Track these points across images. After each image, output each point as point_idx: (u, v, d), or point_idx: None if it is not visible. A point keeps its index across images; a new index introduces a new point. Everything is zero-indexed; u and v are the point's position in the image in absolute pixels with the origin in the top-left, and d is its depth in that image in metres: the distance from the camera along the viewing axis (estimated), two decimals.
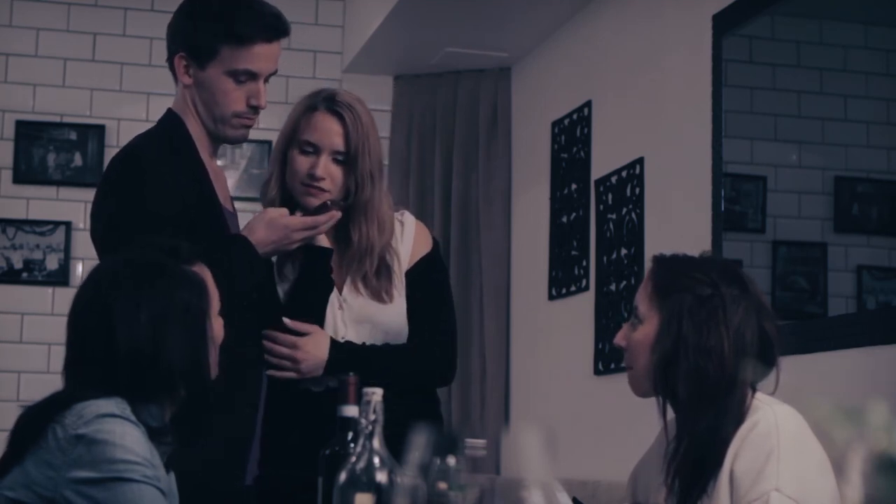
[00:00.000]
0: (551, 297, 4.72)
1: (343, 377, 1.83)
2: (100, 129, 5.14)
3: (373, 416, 1.62)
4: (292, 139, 2.58)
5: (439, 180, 5.25)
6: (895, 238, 3.00)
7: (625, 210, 4.15)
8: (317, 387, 2.54)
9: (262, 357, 2.55)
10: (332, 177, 2.56)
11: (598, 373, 4.26)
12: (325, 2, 5.42)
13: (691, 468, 2.02)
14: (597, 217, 4.38)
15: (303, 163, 2.56)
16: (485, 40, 4.94)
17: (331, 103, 2.58)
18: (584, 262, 4.46)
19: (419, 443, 1.51)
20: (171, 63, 2.55)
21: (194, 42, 2.49)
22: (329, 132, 2.56)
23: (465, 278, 5.13)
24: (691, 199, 3.66)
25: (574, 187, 4.60)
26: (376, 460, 1.61)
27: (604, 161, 4.37)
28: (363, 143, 2.57)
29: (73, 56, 5.18)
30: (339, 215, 2.52)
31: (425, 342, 2.61)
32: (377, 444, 1.62)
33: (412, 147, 5.32)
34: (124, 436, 1.83)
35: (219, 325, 2.06)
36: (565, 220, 4.65)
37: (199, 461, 2.14)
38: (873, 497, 0.93)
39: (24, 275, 5.05)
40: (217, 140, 2.59)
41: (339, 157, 2.57)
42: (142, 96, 5.15)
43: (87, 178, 5.09)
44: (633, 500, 2.23)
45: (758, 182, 3.46)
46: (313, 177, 2.55)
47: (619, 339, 2.18)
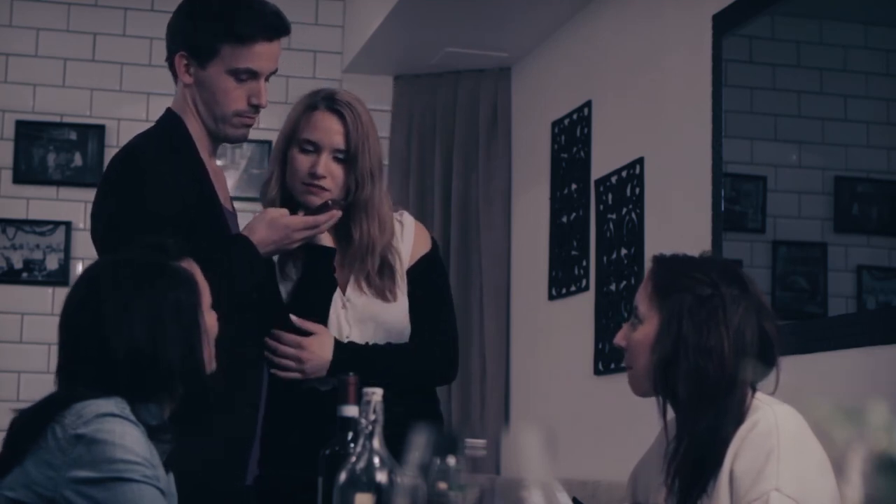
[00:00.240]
0: (551, 297, 4.72)
1: (343, 377, 1.83)
2: (100, 129, 5.14)
3: (373, 416, 1.62)
4: (292, 138, 2.58)
5: (439, 180, 5.25)
6: (895, 238, 3.00)
7: (625, 210, 4.15)
8: (324, 386, 2.54)
9: (263, 357, 2.55)
10: (333, 175, 2.56)
11: (598, 373, 4.26)
12: (325, 2, 5.42)
13: (691, 468, 2.02)
14: (597, 217, 4.38)
15: (303, 162, 2.56)
16: (485, 40, 4.94)
17: (331, 102, 2.58)
18: (584, 262, 4.46)
19: (419, 443, 1.51)
20: (171, 62, 2.55)
21: (195, 41, 2.49)
22: (329, 131, 2.56)
23: (465, 278, 5.13)
24: (691, 199, 3.65)
25: (574, 187, 4.59)
26: (376, 460, 1.61)
27: (604, 161, 4.37)
28: (363, 142, 2.57)
29: (73, 56, 5.18)
30: (340, 214, 2.52)
31: (426, 342, 2.61)
32: (377, 444, 1.62)
33: (412, 147, 5.32)
34: (124, 435, 1.83)
35: (212, 318, 2.06)
36: (565, 220, 4.65)
37: (199, 461, 2.14)
38: (873, 497, 0.93)
39: (24, 275, 5.04)
40: (217, 139, 2.59)
41: (340, 156, 2.57)
42: (142, 96, 5.15)
43: (87, 178, 5.09)
44: (633, 500, 2.23)
45: (758, 182, 3.46)
46: (314, 175, 2.55)
47: (618, 339, 2.18)
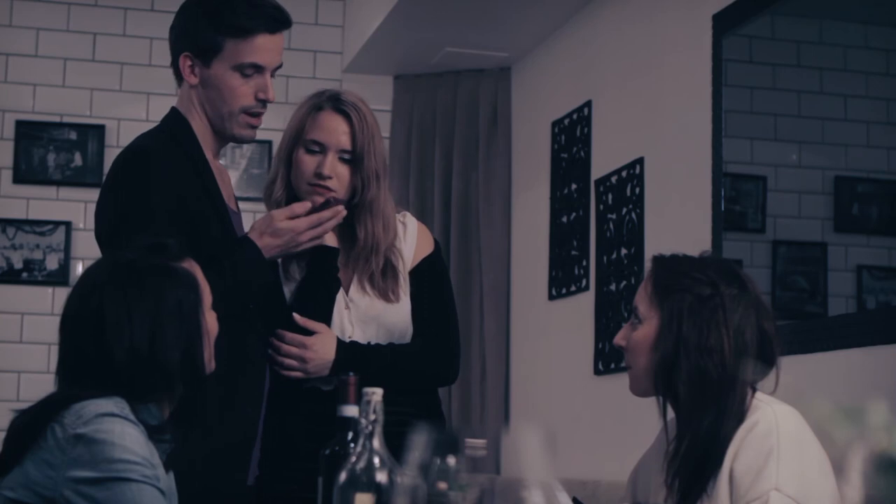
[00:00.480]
0: (551, 297, 4.71)
1: (343, 377, 1.83)
2: (100, 129, 5.14)
3: (373, 416, 1.62)
4: (298, 139, 2.58)
5: (439, 180, 5.25)
6: (895, 238, 3.00)
7: (625, 210, 4.15)
8: (326, 385, 2.54)
9: (265, 356, 2.54)
10: (339, 176, 2.56)
11: (598, 373, 4.26)
12: (325, 2, 5.42)
13: (692, 468, 2.02)
14: (597, 217, 4.37)
15: (309, 162, 2.56)
16: (485, 40, 4.94)
17: (337, 102, 2.58)
18: (584, 262, 4.46)
19: (419, 443, 1.51)
20: (175, 65, 2.55)
21: (198, 40, 2.49)
22: (335, 131, 2.56)
23: (465, 278, 5.13)
24: (691, 199, 3.65)
25: (574, 187, 4.59)
26: (376, 460, 1.61)
27: (604, 161, 4.37)
28: (369, 143, 2.57)
29: (73, 56, 5.18)
30: (345, 212, 2.52)
31: (429, 343, 2.61)
32: (377, 444, 1.62)
33: (412, 147, 5.32)
34: (123, 435, 1.83)
35: (212, 319, 2.06)
36: (565, 220, 4.65)
37: (200, 461, 2.14)
38: (873, 497, 0.93)
39: (24, 275, 5.05)
40: (223, 139, 2.59)
41: (346, 157, 2.57)
42: (142, 96, 5.15)
43: (87, 178, 5.09)
44: (632, 500, 2.23)
45: (758, 182, 3.46)
46: (320, 176, 2.55)
47: (618, 339, 2.18)
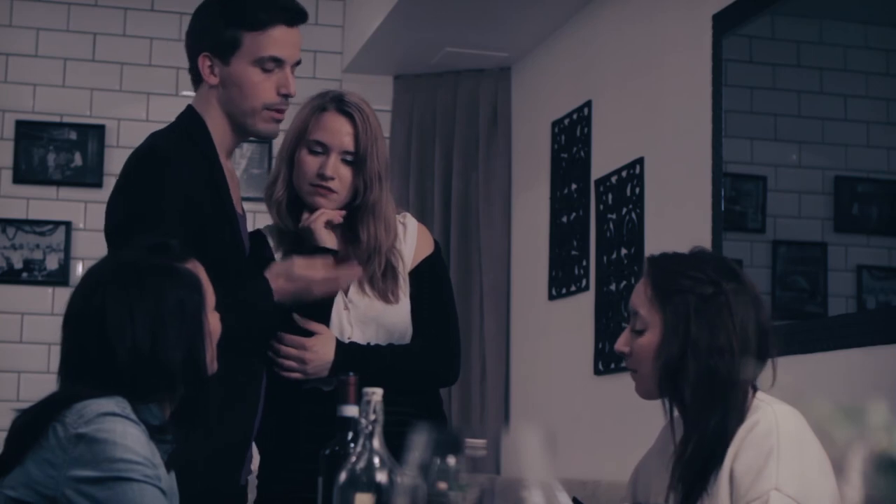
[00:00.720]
0: (551, 297, 4.71)
1: (343, 377, 1.83)
2: (100, 129, 5.14)
3: (373, 416, 1.62)
4: (301, 139, 2.58)
5: (439, 180, 5.24)
6: (895, 238, 3.00)
7: (625, 210, 4.15)
8: (326, 386, 2.54)
9: (264, 356, 2.54)
10: (341, 177, 2.56)
11: (598, 373, 4.26)
12: (325, 2, 5.42)
13: (698, 468, 2.02)
14: (597, 217, 4.37)
15: (312, 163, 2.56)
16: (485, 40, 4.93)
17: (340, 103, 2.59)
18: (584, 262, 4.46)
19: (419, 443, 1.51)
20: (193, 67, 2.53)
21: (216, 37, 2.48)
22: (339, 132, 2.57)
23: (465, 278, 5.13)
24: (691, 199, 3.65)
25: (574, 187, 4.59)
26: (376, 460, 1.61)
27: (604, 161, 4.37)
28: (372, 144, 2.58)
29: (73, 56, 5.17)
30: (360, 271, 2.52)
31: (429, 343, 2.61)
32: (377, 444, 1.62)
33: (412, 147, 5.32)
34: (125, 435, 1.83)
35: (215, 320, 2.06)
36: (565, 220, 4.65)
37: (199, 460, 2.14)
38: (873, 497, 0.93)
39: (24, 275, 5.04)
40: (244, 137, 2.57)
41: (348, 158, 2.57)
42: (142, 96, 5.14)
43: (87, 178, 5.09)
44: (633, 501, 2.23)
45: (758, 182, 3.46)
46: (323, 177, 2.55)
47: (620, 345, 2.16)
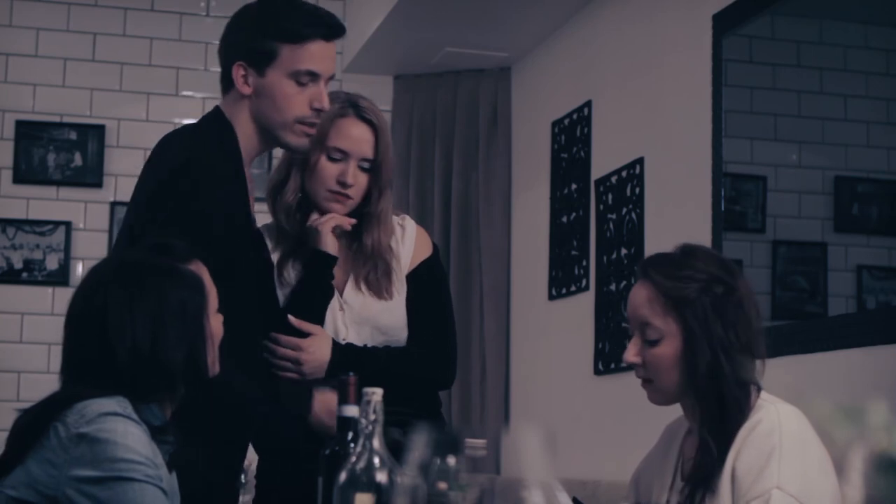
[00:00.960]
0: (551, 297, 4.71)
1: (343, 377, 1.83)
2: (100, 129, 5.14)
3: (373, 416, 1.62)
4: (320, 145, 2.55)
5: (439, 180, 5.25)
6: (895, 238, 3.00)
7: (625, 210, 4.15)
8: (321, 387, 2.54)
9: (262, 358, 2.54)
10: (359, 184, 2.56)
11: (598, 373, 4.26)
12: (325, 2, 5.41)
13: (708, 471, 2.01)
14: (597, 217, 4.37)
15: (331, 169, 2.55)
16: (485, 40, 4.93)
17: (358, 110, 2.57)
18: (584, 262, 4.46)
19: (419, 443, 1.51)
20: (226, 75, 2.45)
21: (253, 47, 2.41)
22: (360, 140, 2.56)
23: (465, 278, 5.13)
24: (691, 199, 3.65)
25: (574, 187, 4.59)
26: (376, 460, 1.61)
27: (604, 161, 4.37)
28: (387, 151, 2.58)
29: (73, 56, 5.17)
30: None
31: (426, 346, 2.61)
32: (377, 444, 1.62)
33: (412, 147, 5.32)
34: (126, 435, 1.83)
35: (217, 322, 2.05)
36: (565, 220, 4.65)
37: (199, 460, 2.14)
38: (873, 497, 0.93)
39: (24, 275, 5.04)
40: (269, 148, 2.52)
41: (365, 165, 2.56)
42: (142, 96, 5.14)
43: (87, 178, 5.09)
44: (634, 501, 2.22)
45: (758, 182, 3.46)
46: (344, 184, 2.54)
47: (632, 357, 2.11)
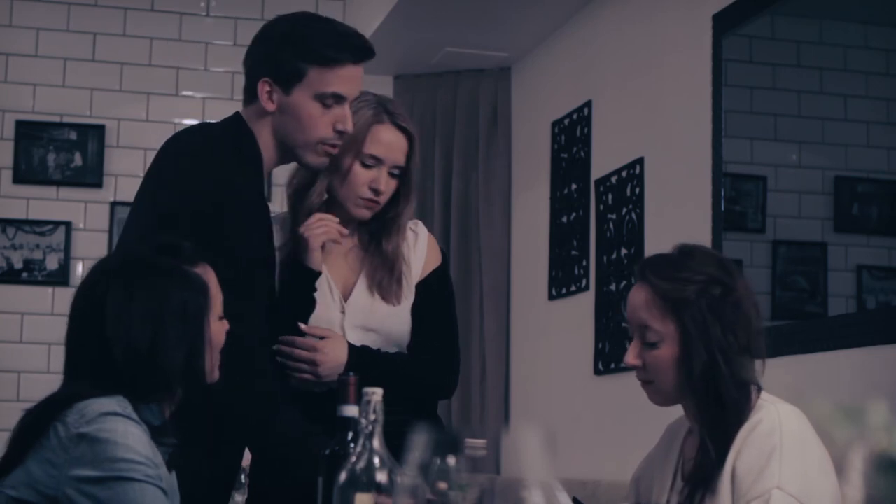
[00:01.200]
0: (551, 297, 4.71)
1: (343, 377, 1.83)
2: (100, 129, 5.14)
3: (373, 416, 1.62)
4: (355, 151, 2.52)
5: (439, 180, 5.24)
6: (895, 238, 3.00)
7: (625, 210, 4.15)
8: (318, 388, 2.53)
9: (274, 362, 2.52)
10: (388, 191, 2.56)
11: (598, 373, 4.26)
12: (325, 2, 5.42)
13: (711, 466, 2.01)
14: (597, 217, 4.37)
15: (364, 176, 2.53)
16: (485, 40, 4.93)
17: (394, 117, 2.56)
18: (584, 262, 4.46)
19: (419, 443, 1.51)
20: (251, 87, 2.41)
21: (281, 66, 2.36)
22: (395, 148, 2.55)
23: (465, 278, 5.13)
24: (691, 199, 3.65)
25: (574, 187, 4.59)
26: (376, 460, 1.61)
27: (604, 161, 4.37)
28: (416, 160, 2.58)
29: (73, 56, 5.18)
30: None
31: (434, 356, 2.60)
32: (377, 444, 1.62)
33: None
34: (126, 435, 1.82)
35: (218, 328, 2.04)
36: (565, 220, 4.65)
37: (198, 460, 2.14)
38: (874, 497, 0.93)
39: (24, 275, 5.05)
40: (287, 162, 2.48)
41: (395, 172, 2.56)
42: (142, 96, 5.14)
43: (87, 178, 5.09)
44: (635, 501, 2.22)
45: (758, 182, 3.46)
46: (377, 192, 2.53)
47: (632, 360, 2.12)
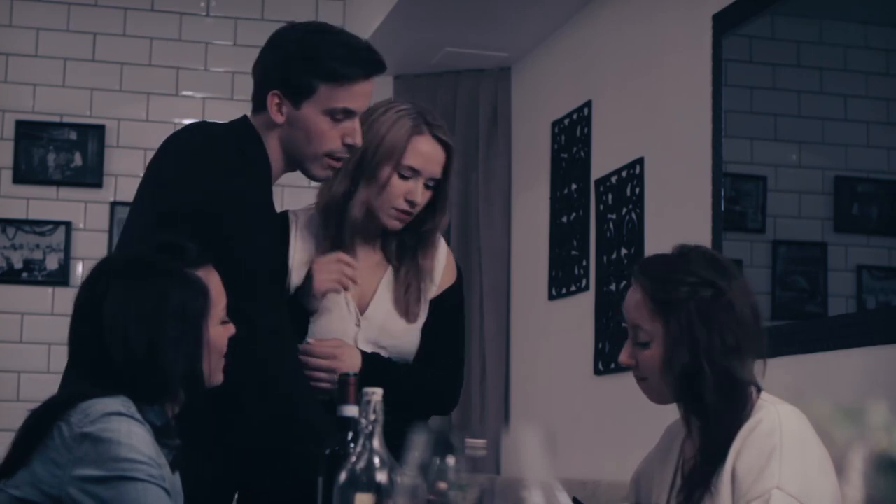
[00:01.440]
0: (551, 297, 4.71)
1: (343, 377, 1.83)
2: (100, 129, 5.14)
3: (373, 416, 1.62)
4: (394, 161, 2.50)
5: None
6: (895, 238, 3.00)
7: (625, 210, 4.15)
8: (322, 395, 2.53)
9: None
10: (423, 203, 2.54)
11: (598, 373, 4.26)
12: (325, 2, 5.42)
13: (710, 468, 2.01)
14: (597, 217, 4.37)
15: (402, 186, 2.50)
16: (485, 40, 4.93)
17: (433, 129, 2.53)
18: (584, 262, 4.46)
19: (419, 443, 1.51)
20: (260, 97, 2.39)
21: (291, 80, 2.34)
22: (434, 161, 2.53)
23: (465, 278, 5.11)
24: (691, 199, 3.65)
25: (574, 187, 4.59)
26: (376, 460, 1.61)
27: (604, 161, 4.37)
28: (452, 172, 2.57)
29: (73, 56, 5.18)
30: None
31: (443, 372, 2.60)
32: (377, 444, 1.62)
33: None
34: (130, 435, 1.82)
35: (218, 332, 2.03)
36: (565, 220, 4.65)
37: (201, 460, 2.14)
38: (874, 497, 0.93)
39: (24, 275, 5.05)
40: (291, 171, 2.46)
41: (431, 184, 2.54)
42: (142, 96, 5.14)
43: (87, 178, 5.09)
44: (635, 501, 2.22)
45: (758, 182, 3.46)
46: (413, 203, 2.51)
47: (625, 359, 2.15)
